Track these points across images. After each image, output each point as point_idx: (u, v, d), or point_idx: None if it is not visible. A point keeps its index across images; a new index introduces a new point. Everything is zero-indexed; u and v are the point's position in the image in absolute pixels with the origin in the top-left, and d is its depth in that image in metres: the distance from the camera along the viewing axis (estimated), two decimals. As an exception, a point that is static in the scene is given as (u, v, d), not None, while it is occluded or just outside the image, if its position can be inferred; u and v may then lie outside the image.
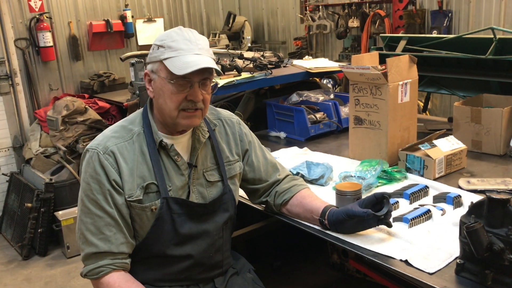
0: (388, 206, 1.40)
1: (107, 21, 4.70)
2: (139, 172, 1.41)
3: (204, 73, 1.38)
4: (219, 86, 2.43)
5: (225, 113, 1.66)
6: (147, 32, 5.03)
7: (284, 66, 2.93)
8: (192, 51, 1.36)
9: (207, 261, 1.52)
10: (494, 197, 1.16)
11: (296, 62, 3.02)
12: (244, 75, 2.60)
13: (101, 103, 4.17)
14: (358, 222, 1.42)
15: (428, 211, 1.55)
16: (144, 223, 1.42)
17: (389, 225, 1.42)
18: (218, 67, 1.40)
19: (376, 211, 1.40)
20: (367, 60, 2.13)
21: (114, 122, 1.56)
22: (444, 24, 3.77)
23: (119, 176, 1.38)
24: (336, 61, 3.76)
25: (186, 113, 1.40)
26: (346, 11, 4.49)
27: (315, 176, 1.88)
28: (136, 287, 1.37)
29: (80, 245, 1.40)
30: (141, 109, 1.52)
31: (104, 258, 1.36)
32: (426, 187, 1.74)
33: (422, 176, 1.87)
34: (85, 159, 1.41)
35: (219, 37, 5.22)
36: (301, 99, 2.73)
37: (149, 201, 1.41)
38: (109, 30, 4.71)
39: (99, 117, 3.98)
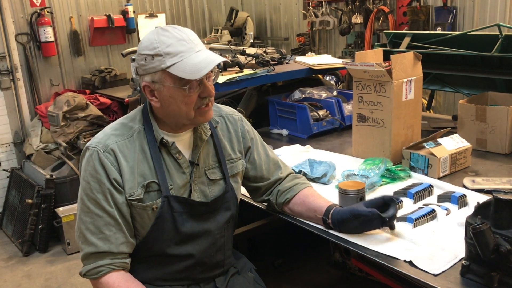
0: (395, 209, 1.38)
1: (109, 16, 4.67)
2: (139, 170, 1.38)
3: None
4: (221, 82, 2.41)
5: (227, 110, 1.64)
6: (149, 28, 5.00)
7: (286, 63, 2.90)
8: (192, 50, 1.33)
9: (208, 261, 1.51)
10: (501, 197, 1.14)
11: (298, 58, 3.00)
12: (246, 71, 2.57)
13: (102, 99, 4.15)
14: (363, 223, 1.39)
15: (433, 210, 1.52)
16: (145, 222, 1.40)
17: (392, 228, 1.40)
18: (224, 57, 1.39)
19: (382, 212, 1.37)
20: (371, 57, 2.10)
21: (116, 118, 1.54)
22: (449, 21, 3.74)
23: (120, 174, 1.36)
24: (339, 57, 3.73)
25: (202, 110, 1.39)
26: (350, 7, 4.45)
27: (317, 175, 1.86)
28: (136, 287, 1.35)
29: (79, 245, 1.38)
30: (141, 106, 1.49)
31: (104, 258, 1.34)
32: (431, 186, 1.71)
33: (426, 175, 1.85)
34: (85, 158, 1.39)
35: (221, 33, 5.19)
36: (303, 96, 2.70)
37: (150, 200, 1.39)
38: (110, 25, 4.68)
39: (100, 113, 3.96)
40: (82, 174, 1.39)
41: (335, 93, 2.77)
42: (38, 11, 4.27)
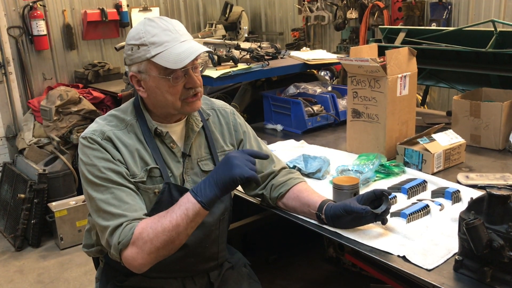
0: (387, 204, 1.38)
1: (102, 10, 4.63)
2: (140, 156, 1.39)
3: (196, 58, 1.36)
4: (215, 77, 2.40)
5: (219, 103, 1.64)
6: (143, 22, 4.95)
7: (281, 58, 2.89)
8: (177, 40, 1.34)
9: (202, 252, 1.51)
10: (495, 193, 1.14)
11: (293, 53, 2.99)
12: (241, 66, 2.56)
13: (95, 93, 4.12)
14: (355, 218, 1.39)
15: (426, 206, 1.53)
16: (146, 206, 1.39)
17: (384, 222, 1.40)
18: (208, 48, 1.38)
19: (375, 207, 1.38)
20: (366, 52, 2.09)
21: (109, 113, 1.53)
22: (444, 17, 3.74)
23: (122, 158, 1.36)
24: (334, 52, 3.72)
25: (188, 100, 1.39)
26: (345, 2, 4.44)
27: (312, 170, 1.86)
28: (162, 212, 1.31)
29: (103, 223, 1.30)
30: (132, 99, 1.50)
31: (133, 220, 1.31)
32: (424, 181, 1.72)
33: (420, 170, 1.85)
34: (83, 146, 1.37)
35: (215, 27, 5.16)
36: (298, 91, 2.69)
37: (152, 184, 1.39)
38: (104, 19, 4.64)
39: (93, 108, 3.93)
40: (85, 160, 1.35)
41: (329, 89, 2.76)
42: (31, 4, 4.22)
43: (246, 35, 4.91)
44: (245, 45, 2.88)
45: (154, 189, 1.39)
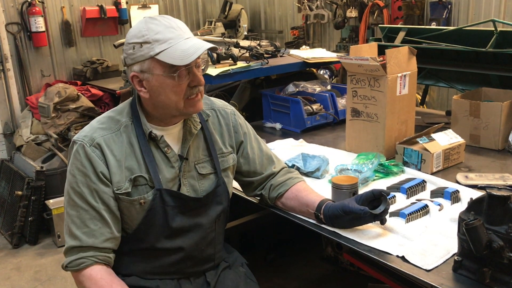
0: (386, 204, 1.37)
1: (101, 7, 4.62)
2: (127, 164, 1.36)
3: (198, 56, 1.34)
4: (214, 75, 2.39)
5: (219, 103, 1.62)
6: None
7: (280, 56, 2.89)
8: (181, 37, 1.32)
9: (199, 254, 1.49)
10: (495, 193, 1.13)
11: (293, 52, 2.98)
12: (240, 64, 2.55)
13: (93, 91, 4.10)
14: (354, 218, 1.39)
15: (426, 206, 1.52)
16: (133, 216, 1.38)
17: (383, 222, 1.39)
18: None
19: (373, 207, 1.37)
20: (366, 51, 2.09)
21: (107, 110, 1.51)
22: (444, 16, 3.73)
23: (107, 168, 1.34)
24: (333, 51, 3.72)
25: (192, 100, 1.36)
26: (344, 0, 4.44)
27: (310, 169, 1.85)
28: (119, 282, 1.33)
29: (65, 235, 1.36)
30: (129, 100, 1.47)
31: (87, 251, 1.33)
32: (424, 181, 1.71)
33: (419, 170, 1.85)
34: (72, 151, 1.37)
35: (215, 25, 5.15)
36: (297, 89, 2.69)
37: (137, 194, 1.37)
38: (102, 16, 4.62)
39: (91, 105, 3.92)
40: (69, 167, 1.37)
41: (329, 87, 2.76)
42: (29, 0, 4.20)
43: (245, 33, 4.91)
44: (244, 43, 2.87)
45: (139, 199, 1.37)
